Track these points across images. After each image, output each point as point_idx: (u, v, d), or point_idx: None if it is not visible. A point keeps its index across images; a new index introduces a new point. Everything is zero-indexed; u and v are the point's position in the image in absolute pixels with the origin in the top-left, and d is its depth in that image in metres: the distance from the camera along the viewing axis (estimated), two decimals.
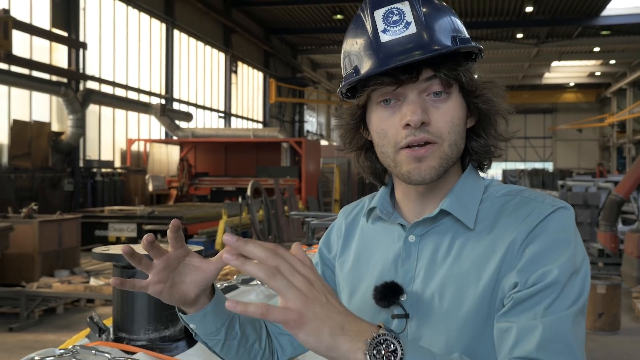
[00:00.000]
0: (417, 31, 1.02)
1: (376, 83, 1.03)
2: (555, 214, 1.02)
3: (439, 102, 1.04)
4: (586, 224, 11.93)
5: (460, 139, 1.07)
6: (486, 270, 1.02)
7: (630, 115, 33.78)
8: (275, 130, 20.41)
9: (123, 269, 1.36)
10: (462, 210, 1.07)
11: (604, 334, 6.78)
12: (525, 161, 46.41)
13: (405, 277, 1.09)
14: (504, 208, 1.07)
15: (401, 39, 1.02)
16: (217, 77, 24.61)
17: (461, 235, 1.07)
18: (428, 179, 1.05)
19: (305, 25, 27.31)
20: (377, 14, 1.05)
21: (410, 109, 1.03)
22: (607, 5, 24.16)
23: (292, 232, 15.25)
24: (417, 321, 1.07)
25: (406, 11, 1.03)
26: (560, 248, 0.99)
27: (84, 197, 15.09)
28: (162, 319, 1.36)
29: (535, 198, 1.06)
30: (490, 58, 33.49)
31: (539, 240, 0.99)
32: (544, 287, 0.96)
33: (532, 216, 1.02)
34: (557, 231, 1.00)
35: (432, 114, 1.04)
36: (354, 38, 1.09)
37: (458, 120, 1.06)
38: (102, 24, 16.85)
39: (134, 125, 18.78)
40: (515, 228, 1.02)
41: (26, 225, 8.29)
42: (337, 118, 1.17)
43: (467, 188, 1.10)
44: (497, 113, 1.10)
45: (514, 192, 1.09)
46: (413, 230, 1.11)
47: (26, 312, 7.23)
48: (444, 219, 1.09)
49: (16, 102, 13.61)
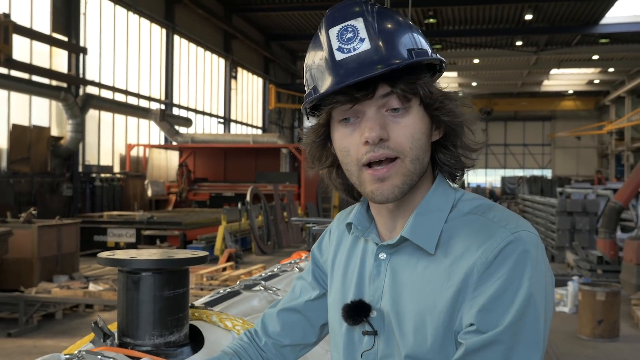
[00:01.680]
0: (371, 47, 1.01)
1: (332, 102, 1.03)
2: (514, 244, 0.98)
3: (398, 117, 1.03)
4: (585, 231, 11.95)
5: (422, 154, 1.05)
6: (443, 296, 1.01)
7: (628, 123, 33.84)
8: (274, 136, 20.43)
9: (128, 274, 1.35)
10: (422, 236, 1.05)
11: (603, 341, 6.77)
12: (524, 168, 46.44)
13: (375, 294, 1.11)
14: (467, 229, 1.04)
15: (355, 56, 1.01)
16: (217, 83, 24.65)
17: (423, 259, 1.06)
18: (392, 197, 1.05)
19: (305, 31, 27.37)
20: (331, 32, 1.04)
21: (369, 125, 1.02)
22: (606, 13, 24.25)
23: (291, 238, 15.24)
24: (385, 338, 1.08)
25: (360, 28, 1.03)
26: (515, 285, 0.96)
27: (83, 202, 15.08)
28: (167, 325, 1.36)
29: (497, 222, 1.02)
30: (490, 65, 33.57)
31: (495, 275, 0.97)
32: (496, 338, 0.95)
33: (491, 243, 0.99)
34: (513, 267, 0.96)
35: (391, 130, 1.02)
36: (313, 56, 1.09)
37: (419, 134, 1.04)
38: (103, 29, 16.88)
39: (133, 131, 18.79)
40: (472, 254, 1.00)
41: (25, 230, 8.28)
42: (304, 136, 1.16)
43: (431, 207, 1.08)
44: (461, 124, 1.08)
45: (480, 210, 1.06)
46: (383, 249, 1.11)
47: (25, 318, 7.20)
48: (405, 243, 1.08)
49: (16, 107, 13.62)
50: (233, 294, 2.06)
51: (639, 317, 7.46)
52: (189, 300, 1.43)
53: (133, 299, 1.34)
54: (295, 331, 1.29)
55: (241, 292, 2.10)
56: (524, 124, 47.18)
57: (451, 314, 1.00)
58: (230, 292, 2.06)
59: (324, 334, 1.32)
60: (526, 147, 47.67)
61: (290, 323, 1.29)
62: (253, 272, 8.91)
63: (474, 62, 32.14)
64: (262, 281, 2.15)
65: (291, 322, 1.29)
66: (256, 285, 2.12)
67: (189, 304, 1.44)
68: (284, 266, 2.50)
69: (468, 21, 25.50)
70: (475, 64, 32.77)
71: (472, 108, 1.10)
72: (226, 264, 10.37)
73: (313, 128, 1.13)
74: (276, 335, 1.29)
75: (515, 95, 43.40)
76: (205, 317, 1.54)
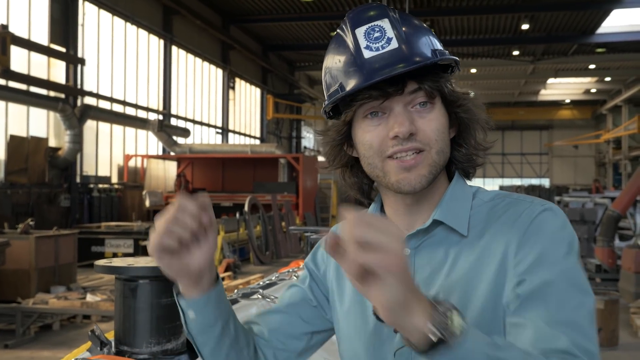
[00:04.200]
0: (398, 46, 1.05)
1: (364, 97, 1.06)
2: (545, 214, 1.03)
3: (425, 112, 1.07)
4: (583, 240, 11.94)
5: (446, 147, 1.09)
6: (485, 276, 1.02)
7: (625, 132, 33.92)
8: (272, 146, 20.45)
9: (125, 281, 1.35)
10: (454, 219, 1.08)
11: (602, 350, 6.74)
12: (521, 177, 46.53)
13: None
14: (493, 212, 1.08)
15: (384, 54, 1.05)
16: (215, 93, 24.69)
17: (455, 244, 1.08)
18: (419, 187, 1.07)
19: (302, 41, 27.46)
20: (358, 31, 1.08)
21: (398, 120, 1.05)
22: (602, 23, 24.37)
23: (290, 248, 15.22)
24: None
25: (387, 28, 1.07)
26: (557, 247, 1.00)
27: (81, 213, 15.05)
28: (164, 333, 1.35)
29: (524, 199, 1.08)
30: (487, 75, 33.70)
31: (534, 242, 1.01)
32: (549, 285, 0.96)
33: (524, 217, 1.04)
34: (551, 232, 1.01)
35: (418, 124, 1.06)
36: (335, 55, 1.11)
37: (443, 128, 1.08)
38: (101, 40, 16.93)
39: (131, 141, 18.79)
40: (508, 230, 1.04)
41: (22, 241, 8.26)
42: (323, 135, 1.18)
43: (456, 196, 1.11)
44: (477, 122, 1.13)
45: (501, 195, 1.11)
46: (407, 243, 1.10)
47: (22, 329, 7.17)
48: (436, 229, 1.09)
49: (13, 118, 13.63)
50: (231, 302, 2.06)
51: (637, 326, 7.44)
52: None
53: (130, 306, 1.34)
54: (280, 334, 1.24)
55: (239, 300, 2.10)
56: (521, 133, 47.30)
57: (495, 292, 1.01)
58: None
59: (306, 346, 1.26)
60: (524, 156, 47.78)
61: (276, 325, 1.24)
62: (251, 281, 8.88)
63: (471, 71, 32.25)
64: (260, 289, 2.14)
65: (276, 325, 1.24)
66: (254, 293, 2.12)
67: None
68: (282, 275, 2.50)
69: (465, 31, 25.62)
70: (473, 73, 32.88)
71: (483, 108, 1.15)
72: (224, 274, 10.35)
73: (336, 126, 1.14)
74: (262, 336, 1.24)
75: (513, 105, 43.52)
76: None
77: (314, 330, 1.26)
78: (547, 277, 0.97)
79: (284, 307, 1.26)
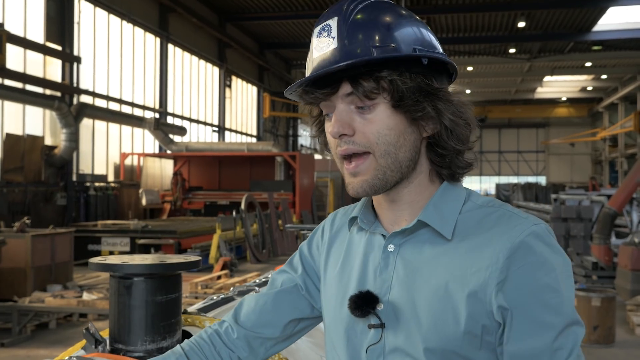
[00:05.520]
0: (337, 46, 1.03)
1: (309, 98, 1.08)
2: (538, 233, 1.00)
3: (365, 113, 1.04)
4: (579, 237, 11.96)
5: (394, 149, 1.04)
6: (466, 282, 1.00)
7: (622, 129, 34.00)
8: (269, 145, 20.44)
9: (120, 279, 1.34)
10: (439, 221, 1.06)
11: (598, 347, 6.77)
12: (518, 175, 46.60)
13: (382, 286, 1.09)
14: (484, 221, 1.05)
15: (324, 55, 1.04)
16: (211, 91, 24.66)
17: (439, 246, 1.05)
18: (361, 192, 1.06)
19: (299, 39, 27.44)
20: (314, 32, 1.08)
21: (333, 121, 1.05)
22: (598, 21, 24.41)
23: (286, 246, 15.21)
24: (393, 331, 1.06)
25: (333, 27, 1.04)
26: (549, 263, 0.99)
27: (77, 212, 15.02)
28: (159, 330, 1.35)
29: (517, 213, 1.04)
30: (483, 73, 33.73)
31: (524, 262, 0.98)
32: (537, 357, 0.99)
33: (516, 230, 1.00)
34: (542, 253, 0.99)
35: (356, 125, 1.04)
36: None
37: (386, 130, 1.03)
38: (97, 38, 16.88)
39: (127, 139, 18.76)
40: (498, 240, 1.00)
41: (19, 240, 8.24)
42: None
43: (446, 198, 1.08)
44: (455, 122, 1.06)
45: (496, 204, 1.08)
46: (392, 240, 1.10)
47: (18, 327, 7.15)
48: (421, 230, 1.08)
49: (9, 116, 13.59)
50: (227, 300, 2.05)
51: (634, 323, 7.46)
52: (181, 306, 1.42)
53: (125, 304, 1.33)
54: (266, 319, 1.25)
55: (235, 298, 2.09)
56: (518, 131, 47.36)
57: (476, 299, 0.99)
58: (224, 298, 2.05)
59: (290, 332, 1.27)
60: (520, 154, 47.83)
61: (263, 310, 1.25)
62: (248, 280, 8.88)
63: (467, 69, 32.28)
64: (256, 287, 2.14)
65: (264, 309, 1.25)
66: (250, 291, 2.11)
67: (181, 309, 1.42)
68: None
69: (461, 29, 25.63)
70: (469, 71, 32.91)
71: (469, 106, 1.09)
72: (221, 272, 10.34)
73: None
74: (247, 323, 1.25)
75: (509, 103, 43.57)
76: (198, 322, 1.53)
77: (301, 317, 1.27)
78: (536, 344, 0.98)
79: (273, 294, 1.27)
